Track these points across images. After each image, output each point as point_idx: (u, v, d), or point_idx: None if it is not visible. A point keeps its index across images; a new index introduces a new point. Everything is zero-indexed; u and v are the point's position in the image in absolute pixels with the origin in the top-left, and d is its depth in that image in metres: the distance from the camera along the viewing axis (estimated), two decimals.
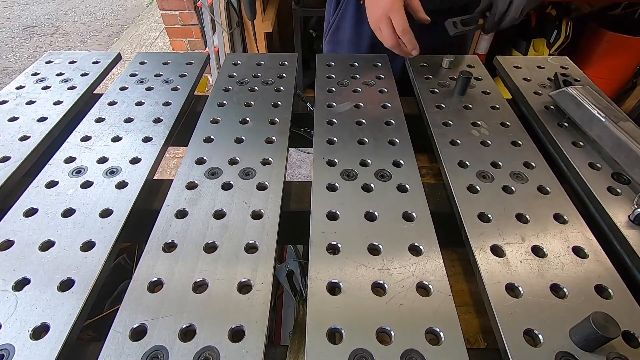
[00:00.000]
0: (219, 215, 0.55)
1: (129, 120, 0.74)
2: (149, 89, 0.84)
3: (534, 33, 2.48)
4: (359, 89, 0.83)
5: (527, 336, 0.42)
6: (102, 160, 0.65)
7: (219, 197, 0.58)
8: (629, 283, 0.48)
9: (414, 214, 0.55)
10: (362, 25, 1.07)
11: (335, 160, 0.64)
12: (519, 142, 0.70)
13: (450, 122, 0.74)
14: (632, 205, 0.57)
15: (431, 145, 0.72)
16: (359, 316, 0.43)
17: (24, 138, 0.70)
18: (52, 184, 0.61)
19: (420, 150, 0.69)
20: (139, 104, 0.79)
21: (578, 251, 0.51)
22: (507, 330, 0.43)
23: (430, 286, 0.46)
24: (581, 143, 0.69)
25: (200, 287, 0.47)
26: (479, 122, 0.74)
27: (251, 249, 0.51)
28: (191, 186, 0.60)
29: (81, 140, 0.69)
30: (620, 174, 0.62)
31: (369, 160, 0.64)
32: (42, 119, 0.74)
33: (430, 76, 0.89)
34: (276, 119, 0.74)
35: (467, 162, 0.65)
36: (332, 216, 0.55)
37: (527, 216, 0.56)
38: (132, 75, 0.89)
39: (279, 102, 0.79)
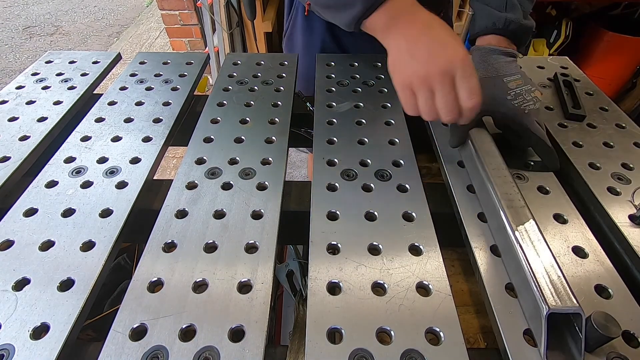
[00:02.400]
0: (219, 215, 0.55)
1: (129, 120, 0.74)
2: (148, 88, 0.84)
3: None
4: (359, 89, 0.83)
5: (527, 336, 0.42)
6: (102, 160, 0.65)
7: (219, 197, 0.58)
8: (629, 283, 0.48)
9: (414, 214, 0.55)
10: (312, 35, 1.01)
11: (335, 160, 0.64)
12: None
13: None
14: (631, 200, 0.57)
15: (431, 145, 0.72)
16: (359, 316, 0.43)
17: (24, 138, 0.70)
18: (52, 184, 0.60)
19: (420, 150, 0.69)
20: (139, 103, 0.79)
21: (578, 251, 0.51)
22: (507, 330, 0.43)
23: (430, 286, 0.46)
24: (581, 143, 0.69)
25: (200, 287, 0.47)
26: None
27: (251, 249, 0.51)
28: (191, 186, 0.60)
29: (81, 140, 0.69)
30: (620, 175, 0.62)
31: (369, 160, 0.64)
32: (42, 119, 0.74)
33: None
34: (276, 119, 0.74)
35: None
36: (332, 216, 0.55)
37: None
38: (132, 75, 0.89)
39: (279, 102, 0.79)
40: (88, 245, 0.51)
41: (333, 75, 0.87)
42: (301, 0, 0.95)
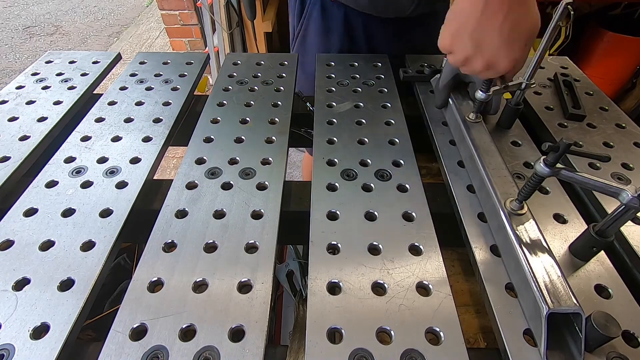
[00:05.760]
0: (219, 215, 0.55)
1: (129, 120, 0.74)
2: (148, 88, 0.84)
3: None
4: (359, 89, 0.83)
5: (527, 336, 0.42)
6: (102, 160, 0.65)
7: (219, 197, 0.58)
8: (629, 283, 0.48)
9: (414, 214, 0.55)
10: (330, 34, 0.99)
11: (335, 160, 0.64)
12: (519, 142, 0.70)
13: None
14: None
15: (431, 145, 0.72)
16: (359, 316, 0.43)
17: (24, 138, 0.70)
18: (52, 184, 0.60)
19: (420, 150, 0.69)
20: (139, 103, 0.79)
21: None
22: (507, 330, 0.43)
23: (430, 286, 0.46)
24: (581, 143, 0.69)
25: (200, 287, 0.47)
26: None
27: (251, 248, 0.51)
28: (191, 186, 0.60)
29: (81, 140, 0.69)
30: (620, 175, 0.62)
31: (369, 160, 0.64)
32: (42, 119, 0.74)
33: None
34: (276, 119, 0.74)
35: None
36: (332, 216, 0.55)
37: None
38: (132, 75, 0.89)
39: (279, 102, 0.79)
40: (88, 245, 0.51)
41: (333, 75, 0.87)
42: None
